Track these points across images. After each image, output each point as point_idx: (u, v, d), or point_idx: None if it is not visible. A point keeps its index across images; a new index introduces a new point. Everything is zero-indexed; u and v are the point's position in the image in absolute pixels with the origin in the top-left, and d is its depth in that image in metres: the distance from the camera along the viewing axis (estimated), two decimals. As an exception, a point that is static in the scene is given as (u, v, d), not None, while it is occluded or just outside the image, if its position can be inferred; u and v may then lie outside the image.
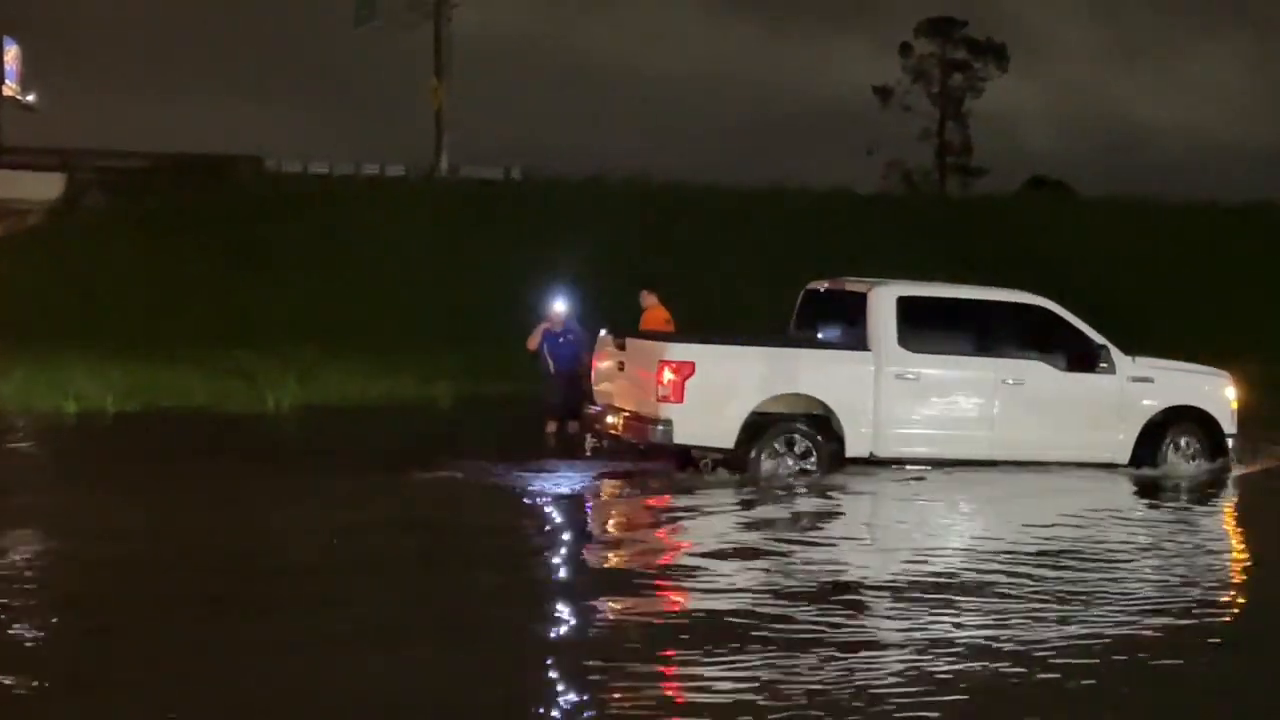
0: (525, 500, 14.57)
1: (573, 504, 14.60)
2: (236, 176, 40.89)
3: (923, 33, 68.90)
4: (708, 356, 15.40)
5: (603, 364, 16.85)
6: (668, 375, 15.15)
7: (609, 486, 15.59)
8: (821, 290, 17.62)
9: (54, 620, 9.43)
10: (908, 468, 16.05)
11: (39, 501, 14.38)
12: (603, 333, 17.21)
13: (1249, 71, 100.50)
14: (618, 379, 16.37)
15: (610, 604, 10.01)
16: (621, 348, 16.35)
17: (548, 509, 14.21)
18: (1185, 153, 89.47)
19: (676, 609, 10.00)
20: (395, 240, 36.40)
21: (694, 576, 10.99)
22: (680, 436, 15.23)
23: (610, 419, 16.24)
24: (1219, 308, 36.70)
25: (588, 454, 17.31)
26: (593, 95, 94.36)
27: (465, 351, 28.31)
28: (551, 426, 19.14)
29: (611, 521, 14.31)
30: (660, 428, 15.16)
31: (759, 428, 15.40)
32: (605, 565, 11.69)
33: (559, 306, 19.28)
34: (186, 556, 11.58)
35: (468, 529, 13.10)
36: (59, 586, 10.51)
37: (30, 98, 51.85)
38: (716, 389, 15.28)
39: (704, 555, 11.74)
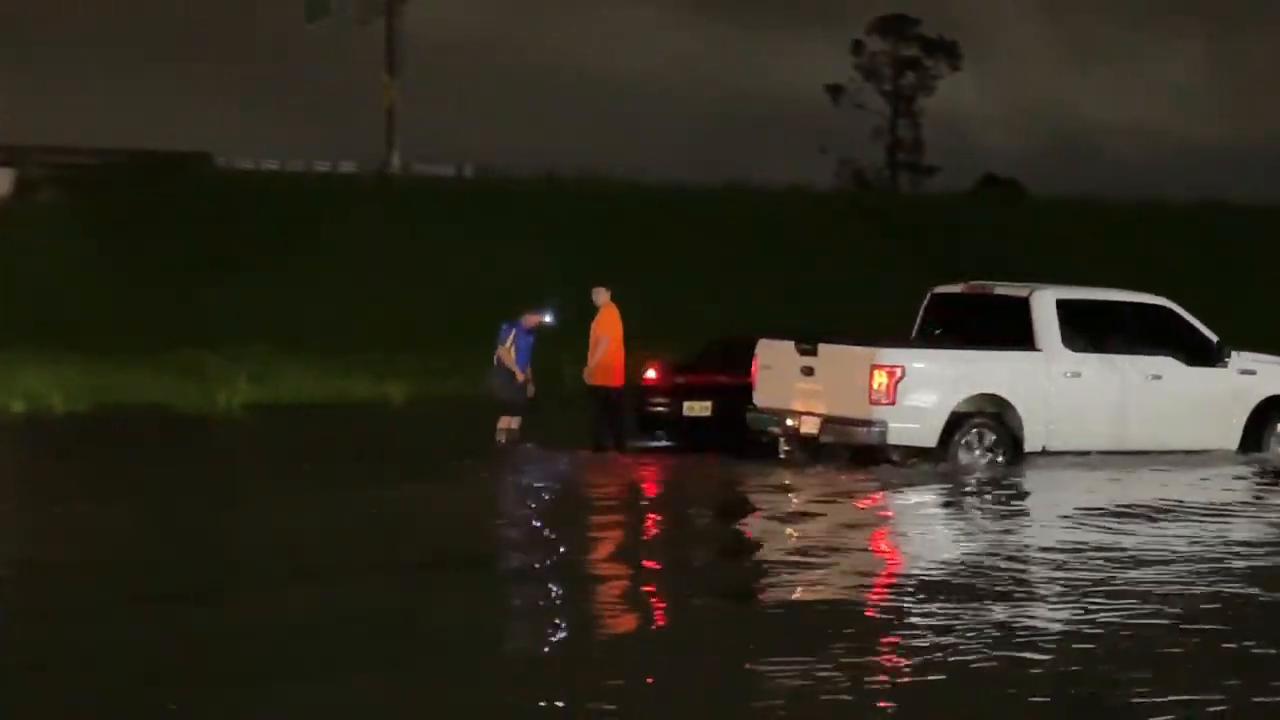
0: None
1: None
2: (187, 173, 40.58)
3: (875, 30, 69.02)
4: (915, 360, 16.37)
5: (774, 369, 17.42)
6: (880, 379, 16.03)
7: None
8: (955, 294, 18.50)
9: None
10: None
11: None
12: (762, 341, 17.79)
13: (1199, 72, 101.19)
14: (801, 383, 16.99)
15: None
16: (809, 353, 17.02)
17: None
18: (1136, 152, 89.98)
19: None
20: (347, 238, 36.23)
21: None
22: (894, 436, 16.15)
23: (790, 422, 16.88)
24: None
25: (781, 456, 17.38)
26: (546, 93, 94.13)
27: (418, 350, 28.25)
28: (505, 423, 19.15)
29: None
30: (875, 429, 16.06)
31: (953, 425, 16.32)
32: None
33: (546, 318, 19.25)
34: (73, 580, 10.38)
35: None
36: None
37: (-22, 93, 51.45)
38: (922, 391, 16.21)
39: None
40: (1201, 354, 17.72)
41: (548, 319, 19.21)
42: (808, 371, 17.01)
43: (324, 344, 28.96)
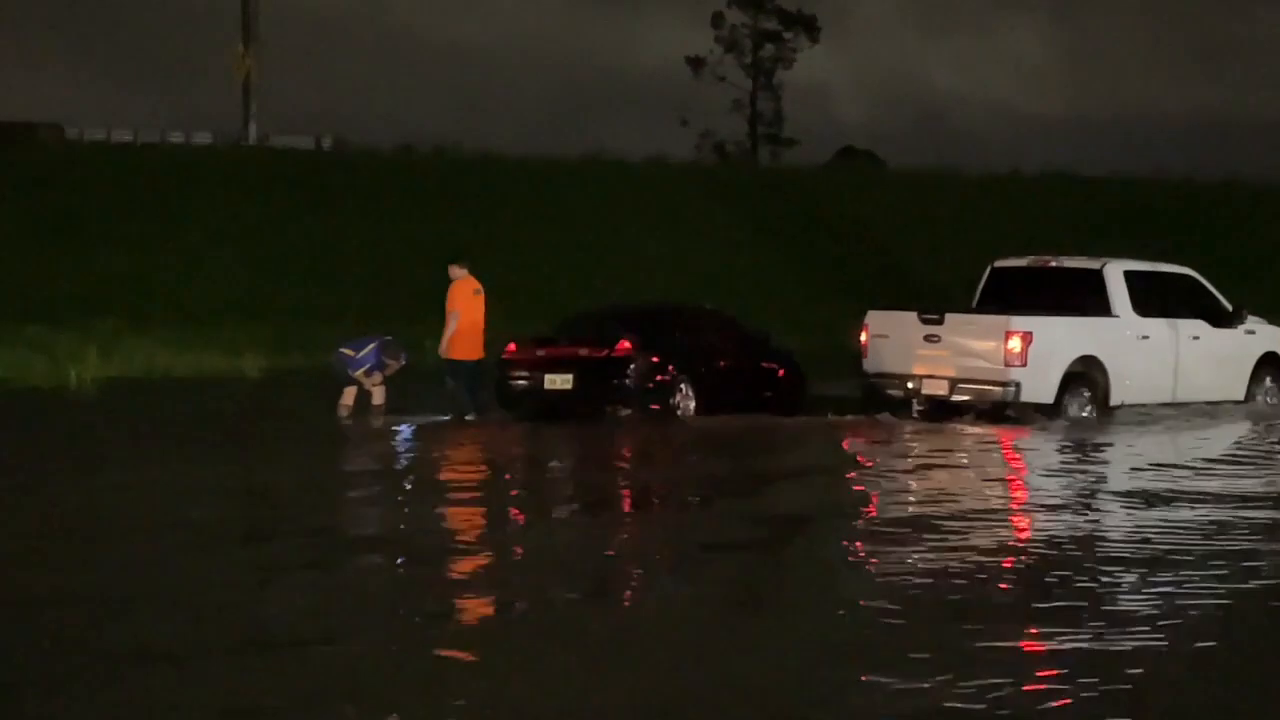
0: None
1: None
2: (37, 144, 39.73)
3: (735, 3, 69.30)
4: (1040, 327, 18.14)
5: (891, 337, 18.88)
6: (1015, 344, 17.89)
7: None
8: (1018, 267, 20.10)
9: None
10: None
11: None
12: (872, 312, 19.34)
13: (1047, 45, 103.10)
14: (924, 349, 18.57)
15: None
16: (934, 321, 18.64)
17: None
18: (988, 124, 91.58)
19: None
20: (202, 210, 35.72)
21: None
22: (1025, 395, 18.02)
23: (911, 385, 18.59)
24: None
25: (914, 416, 18.78)
26: (403, 64, 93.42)
27: (273, 323, 27.95)
28: (347, 397, 19.05)
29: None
30: (1010, 388, 17.92)
31: (1065, 384, 18.25)
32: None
33: (403, 360, 19.13)
34: None
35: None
36: None
37: None
38: (1045, 354, 18.08)
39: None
40: (1221, 316, 19.84)
41: (403, 361, 19.12)
42: (932, 339, 18.54)
43: (178, 317, 28.55)
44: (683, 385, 19.10)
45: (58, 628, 8.01)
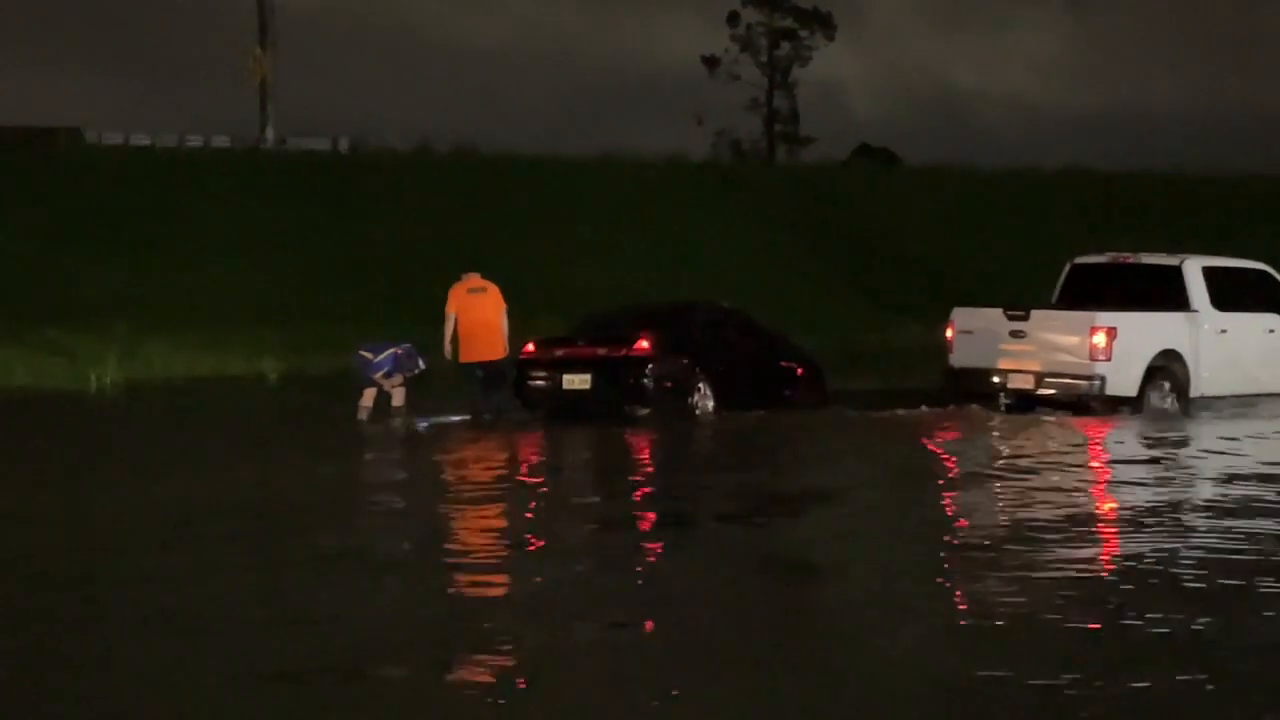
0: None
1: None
2: (55, 148, 39.83)
3: (750, 2, 69.23)
4: (1124, 322, 18.66)
5: (976, 333, 19.43)
6: (1100, 338, 18.40)
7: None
8: (1098, 263, 20.51)
9: None
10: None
11: None
12: (958, 309, 19.88)
13: (1063, 40, 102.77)
14: (1010, 344, 19.12)
15: None
16: (1019, 318, 19.14)
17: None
18: (1005, 119, 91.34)
19: None
20: (220, 213, 35.78)
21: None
22: (1110, 388, 18.54)
23: (996, 379, 19.13)
24: (1037, 269, 37.55)
25: (1001, 409, 19.17)
26: (420, 65, 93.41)
27: (292, 326, 27.99)
28: (367, 399, 19.07)
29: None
30: (1096, 382, 18.46)
31: (1147, 377, 18.75)
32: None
33: (421, 365, 19.16)
34: None
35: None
36: None
37: None
38: (1128, 348, 18.57)
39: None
40: None
41: (422, 367, 19.13)
42: (1017, 334, 19.08)
43: (197, 320, 28.61)
44: (701, 384, 19.10)
45: (59, 649, 7.86)
